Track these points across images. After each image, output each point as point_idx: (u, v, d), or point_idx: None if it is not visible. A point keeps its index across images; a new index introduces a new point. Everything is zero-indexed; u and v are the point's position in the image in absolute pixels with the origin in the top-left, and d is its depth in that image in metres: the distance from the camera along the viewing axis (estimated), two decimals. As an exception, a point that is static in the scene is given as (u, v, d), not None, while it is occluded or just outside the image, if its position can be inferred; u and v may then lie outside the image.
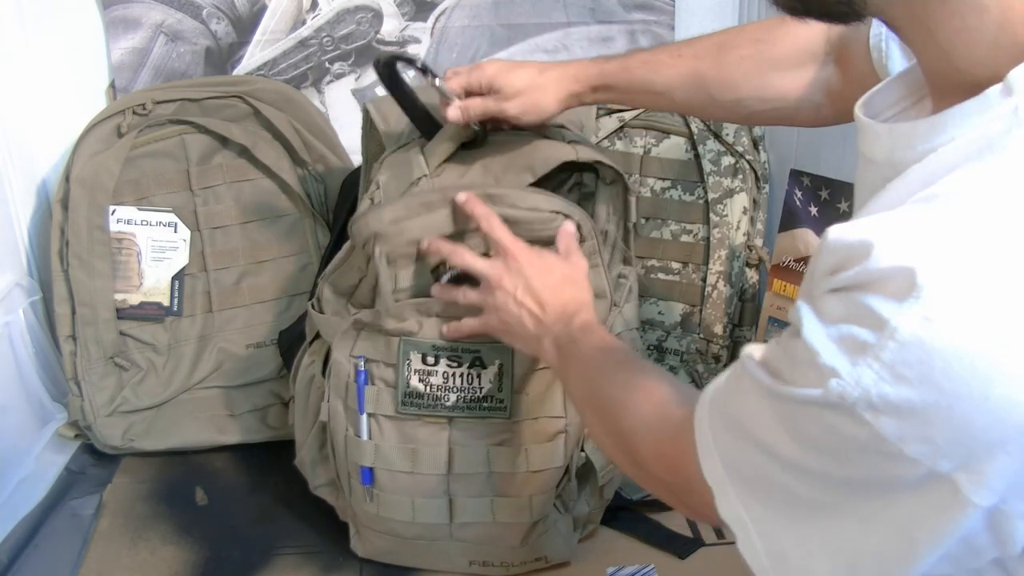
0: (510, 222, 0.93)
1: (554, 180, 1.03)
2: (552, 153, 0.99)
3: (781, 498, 0.49)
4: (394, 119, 1.06)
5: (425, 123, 1.01)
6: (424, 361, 0.99)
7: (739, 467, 0.52)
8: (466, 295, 0.94)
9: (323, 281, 1.05)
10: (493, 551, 1.06)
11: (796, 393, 0.46)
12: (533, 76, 0.94)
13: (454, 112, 0.95)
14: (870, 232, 0.44)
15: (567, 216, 0.96)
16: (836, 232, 0.45)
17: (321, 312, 1.05)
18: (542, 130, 1.02)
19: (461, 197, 0.92)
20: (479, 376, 0.99)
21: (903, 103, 0.59)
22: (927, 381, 0.41)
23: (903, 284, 0.41)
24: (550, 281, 0.88)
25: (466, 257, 0.93)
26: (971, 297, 0.41)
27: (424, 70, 0.96)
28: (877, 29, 0.77)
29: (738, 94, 0.90)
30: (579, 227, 0.96)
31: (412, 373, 0.99)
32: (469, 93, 0.96)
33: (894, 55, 0.75)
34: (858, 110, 0.58)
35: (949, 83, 0.49)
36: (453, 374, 0.99)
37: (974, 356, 0.40)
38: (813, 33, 0.87)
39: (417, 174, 0.99)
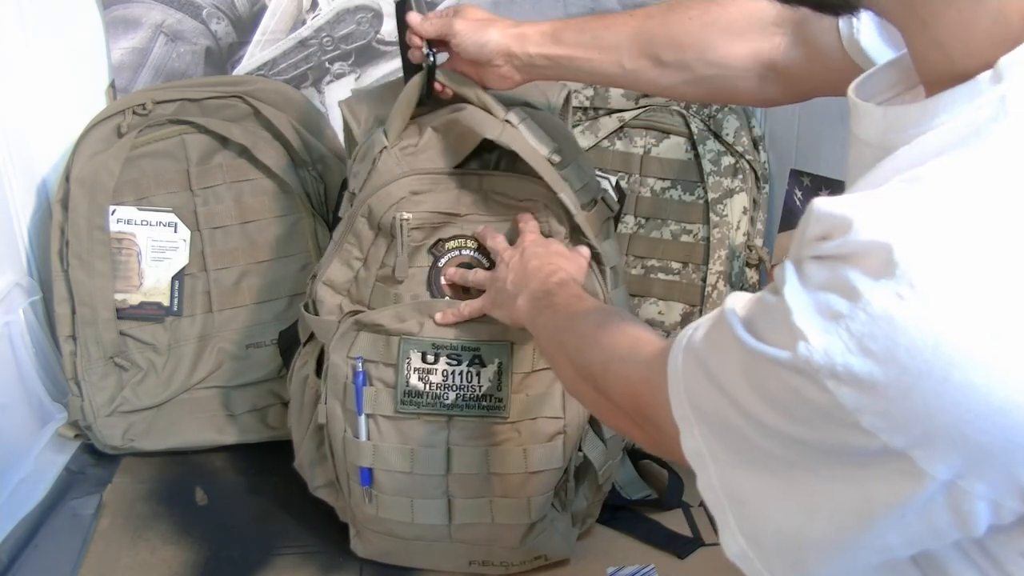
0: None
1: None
2: (477, 129, 0.99)
3: (743, 446, 0.50)
4: (364, 115, 1.08)
5: (410, 68, 1.03)
6: (424, 360, 1.00)
7: (705, 409, 0.52)
8: (476, 275, 0.99)
9: (315, 281, 1.06)
10: (492, 551, 1.06)
11: (765, 351, 0.46)
12: (495, 43, 0.96)
13: (415, 55, 1.00)
14: (853, 207, 0.44)
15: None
16: (822, 203, 0.46)
17: (316, 314, 1.05)
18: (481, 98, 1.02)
19: (479, 230, 1.01)
20: (478, 374, 0.99)
21: (897, 88, 0.59)
22: (891, 358, 0.42)
23: (880, 260, 0.42)
24: (541, 251, 0.94)
25: (497, 240, 0.99)
26: (944, 280, 0.41)
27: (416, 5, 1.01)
28: (852, 22, 0.77)
29: (683, 54, 0.90)
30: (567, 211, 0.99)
31: (412, 372, 1.00)
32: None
33: (866, 33, 0.75)
34: (851, 92, 0.58)
35: (942, 73, 0.49)
36: (452, 372, 0.99)
37: (939, 338, 0.41)
38: (764, 4, 0.86)
39: (378, 147, 1.01)
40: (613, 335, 0.70)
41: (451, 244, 1.03)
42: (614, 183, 1.38)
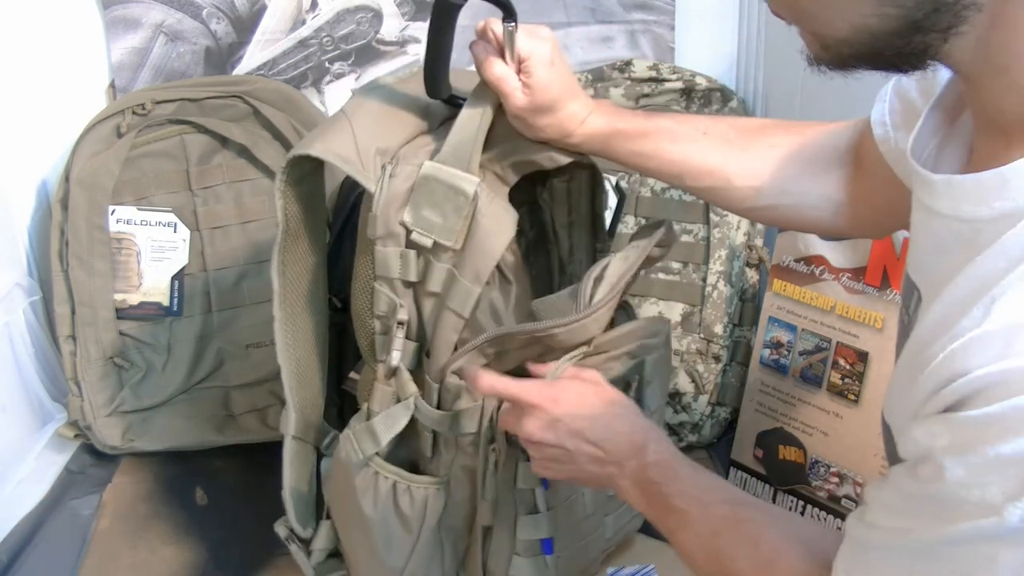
0: None
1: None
2: (529, 156, 0.87)
3: None
4: (370, 155, 0.86)
5: (437, 84, 0.85)
6: None
7: None
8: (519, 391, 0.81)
9: (442, 370, 0.87)
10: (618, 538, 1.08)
11: (959, 531, 0.44)
12: (566, 96, 0.83)
13: (496, 70, 0.81)
14: (995, 323, 0.43)
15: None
16: (945, 331, 0.45)
17: (441, 407, 0.88)
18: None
19: (470, 375, 0.82)
20: (631, 396, 0.93)
21: (941, 130, 0.59)
22: None
23: None
24: (589, 412, 0.77)
25: (507, 420, 0.82)
26: None
27: (509, 12, 0.80)
28: (879, 107, 0.75)
29: (758, 182, 0.84)
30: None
31: None
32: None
33: (899, 128, 0.73)
34: (908, 154, 0.57)
35: (1013, 120, 0.49)
36: None
37: None
38: (842, 131, 0.83)
39: (469, 187, 0.82)
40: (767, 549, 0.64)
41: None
42: (614, 183, 1.39)
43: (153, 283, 1.35)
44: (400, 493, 0.91)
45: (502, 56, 0.81)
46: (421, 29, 1.47)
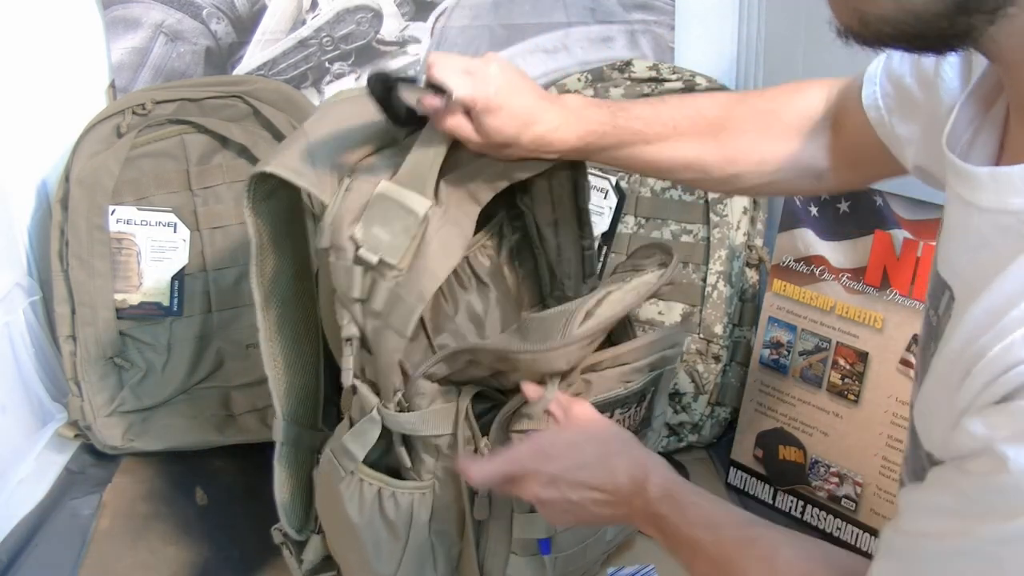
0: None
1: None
2: (500, 173, 0.87)
3: None
4: (313, 169, 0.86)
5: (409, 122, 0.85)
6: None
7: None
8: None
9: (411, 380, 0.88)
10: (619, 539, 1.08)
11: (1020, 525, 0.43)
12: (517, 133, 0.81)
13: (449, 122, 0.81)
14: None
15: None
16: (998, 320, 0.44)
17: (412, 408, 0.89)
18: None
19: (463, 470, 0.79)
20: (640, 407, 0.95)
21: (976, 120, 0.58)
22: None
23: None
24: (584, 459, 0.76)
25: (508, 490, 0.80)
26: None
27: (438, 89, 0.79)
28: (870, 88, 0.76)
29: (736, 168, 0.86)
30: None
31: None
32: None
33: (894, 110, 0.74)
34: (945, 147, 0.56)
35: None
36: (625, 418, 0.94)
37: None
38: (815, 100, 0.84)
39: (420, 208, 0.83)
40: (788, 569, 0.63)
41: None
42: (614, 183, 1.39)
43: (153, 283, 1.35)
44: (385, 499, 0.91)
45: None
46: (421, 29, 1.47)
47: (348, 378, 0.87)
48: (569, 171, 0.97)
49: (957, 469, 0.47)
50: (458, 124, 0.81)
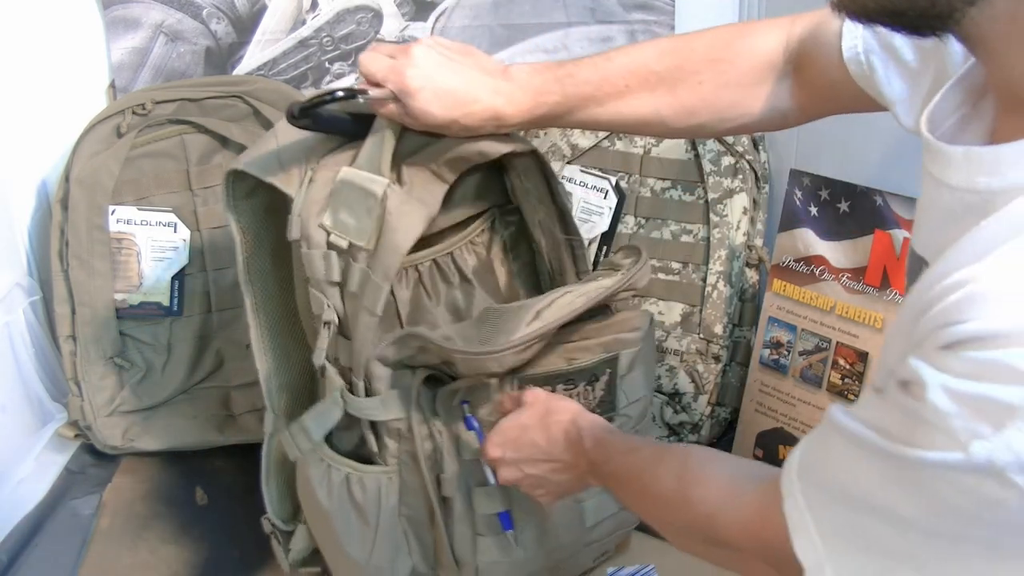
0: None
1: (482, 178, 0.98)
2: (458, 152, 0.88)
3: (891, 563, 0.48)
4: (277, 163, 0.90)
5: (362, 127, 0.89)
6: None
7: (846, 537, 0.50)
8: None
9: (368, 362, 0.90)
10: (615, 536, 1.07)
11: (924, 456, 0.44)
12: (456, 114, 0.82)
13: (383, 110, 0.84)
14: (997, 281, 0.43)
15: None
16: (944, 279, 0.44)
17: (373, 393, 0.92)
18: None
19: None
20: (594, 387, 0.96)
21: (962, 109, 0.58)
22: None
23: None
24: (532, 437, 0.83)
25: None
26: None
27: (350, 95, 0.84)
28: (851, 43, 0.75)
29: (698, 119, 0.86)
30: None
31: None
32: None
33: (878, 68, 0.74)
34: (923, 128, 0.57)
35: None
36: (574, 395, 0.95)
37: None
38: (772, 45, 0.84)
39: (377, 188, 0.86)
40: (701, 486, 0.66)
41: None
42: (614, 183, 1.39)
43: (153, 283, 1.35)
44: (353, 484, 0.94)
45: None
46: (421, 29, 1.47)
47: (320, 358, 0.90)
48: (537, 169, 0.97)
49: (897, 387, 0.48)
50: (389, 111, 0.83)
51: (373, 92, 0.82)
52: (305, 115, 0.85)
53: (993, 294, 0.43)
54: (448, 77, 0.81)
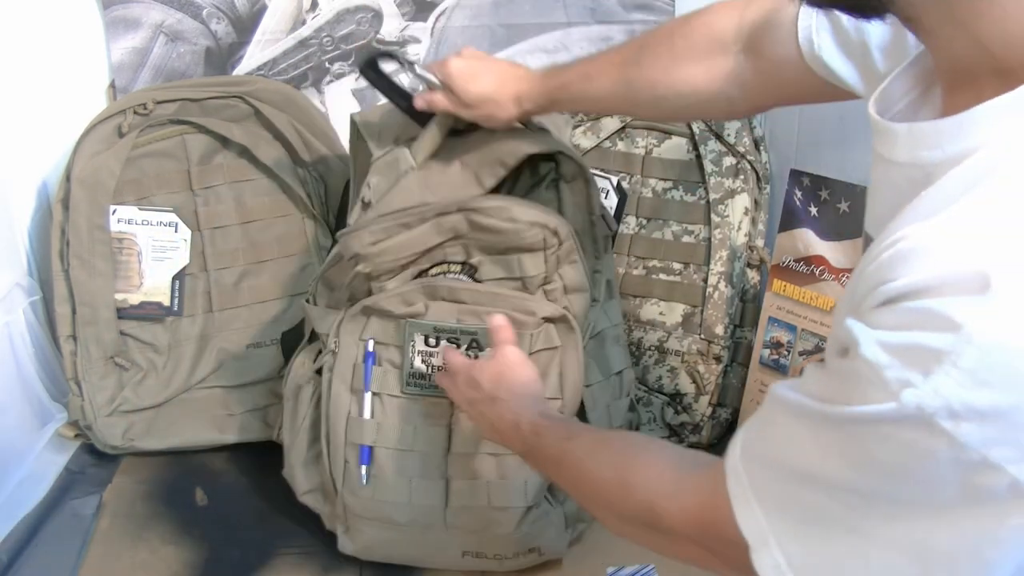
0: (493, 231, 1.01)
1: (532, 171, 1.10)
2: (517, 147, 1.05)
3: (835, 531, 0.48)
4: (378, 128, 1.11)
5: (417, 113, 1.06)
6: (427, 343, 1.04)
7: (790, 510, 0.51)
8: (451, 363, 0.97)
9: (317, 280, 1.11)
10: (485, 540, 1.07)
11: (859, 411, 0.44)
12: (490, 90, 0.99)
13: (419, 102, 1.04)
14: (926, 239, 0.43)
15: (545, 226, 1.01)
16: (878, 245, 0.45)
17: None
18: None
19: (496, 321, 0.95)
20: (476, 357, 1.01)
21: (912, 93, 0.59)
22: (1012, 383, 0.41)
23: (975, 287, 0.41)
24: (494, 392, 0.89)
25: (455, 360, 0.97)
26: None
27: (402, 62, 1.07)
28: (806, 22, 0.77)
29: (656, 91, 0.91)
30: (556, 231, 1.01)
31: (416, 354, 1.04)
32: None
33: (826, 47, 0.75)
34: (871, 109, 0.57)
35: (980, 71, 0.49)
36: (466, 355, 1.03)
37: None
38: (724, 24, 0.87)
39: (404, 167, 1.05)
40: (640, 472, 0.67)
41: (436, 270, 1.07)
42: (615, 183, 1.39)
43: (154, 283, 1.35)
44: (302, 380, 1.13)
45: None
46: (421, 29, 1.47)
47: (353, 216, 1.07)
48: (581, 181, 1.09)
49: (836, 354, 0.49)
50: (436, 100, 1.02)
51: (426, 74, 1.02)
52: (372, 67, 1.07)
53: (921, 249, 0.43)
54: (480, 64, 1.01)
